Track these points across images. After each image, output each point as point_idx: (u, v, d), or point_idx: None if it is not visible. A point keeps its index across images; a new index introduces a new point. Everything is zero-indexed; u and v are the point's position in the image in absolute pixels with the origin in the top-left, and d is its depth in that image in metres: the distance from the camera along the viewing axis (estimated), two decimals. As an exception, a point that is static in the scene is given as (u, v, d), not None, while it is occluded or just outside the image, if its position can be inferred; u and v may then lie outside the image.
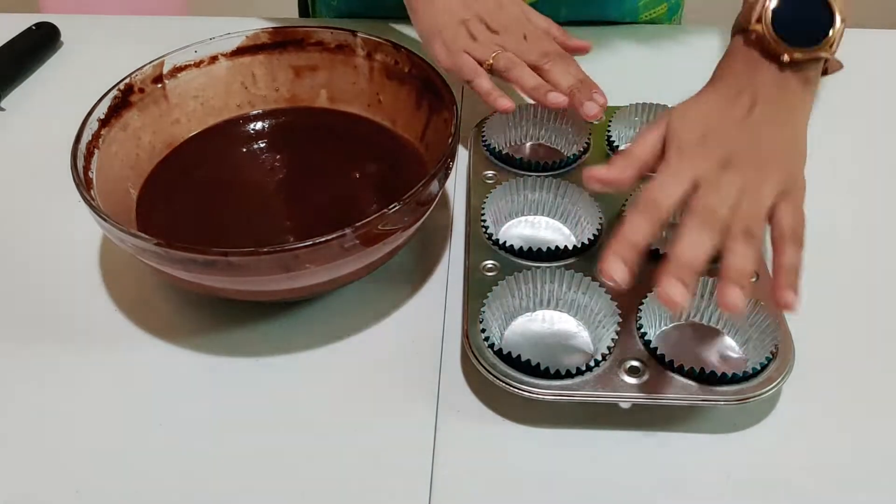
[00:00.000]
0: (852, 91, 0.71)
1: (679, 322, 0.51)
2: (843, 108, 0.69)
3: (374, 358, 0.51)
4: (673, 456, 0.45)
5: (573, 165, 0.61)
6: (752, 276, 0.50)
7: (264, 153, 0.62)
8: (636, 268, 0.43)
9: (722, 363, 0.48)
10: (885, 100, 0.72)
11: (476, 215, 0.56)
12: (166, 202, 0.57)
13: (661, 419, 0.47)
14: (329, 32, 0.62)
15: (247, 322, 0.53)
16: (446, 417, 0.47)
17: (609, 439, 0.46)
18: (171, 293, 0.55)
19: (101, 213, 0.46)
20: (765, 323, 0.48)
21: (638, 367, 0.46)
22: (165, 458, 0.46)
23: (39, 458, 0.46)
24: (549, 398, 0.45)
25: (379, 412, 0.48)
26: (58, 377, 0.50)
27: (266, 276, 0.46)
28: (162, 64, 0.59)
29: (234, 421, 0.47)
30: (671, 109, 0.51)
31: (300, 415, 0.48)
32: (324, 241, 0.44)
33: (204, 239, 0.53)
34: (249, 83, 0.63)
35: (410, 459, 0.45)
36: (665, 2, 0.83)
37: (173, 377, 0.50)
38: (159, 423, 0.47)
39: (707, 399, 0.45)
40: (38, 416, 0.48)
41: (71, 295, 0.55)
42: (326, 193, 0.58)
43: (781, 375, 0.45)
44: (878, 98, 0.72)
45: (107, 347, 0.52)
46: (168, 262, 0.46)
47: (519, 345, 0.49)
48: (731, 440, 0.46)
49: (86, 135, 0.53)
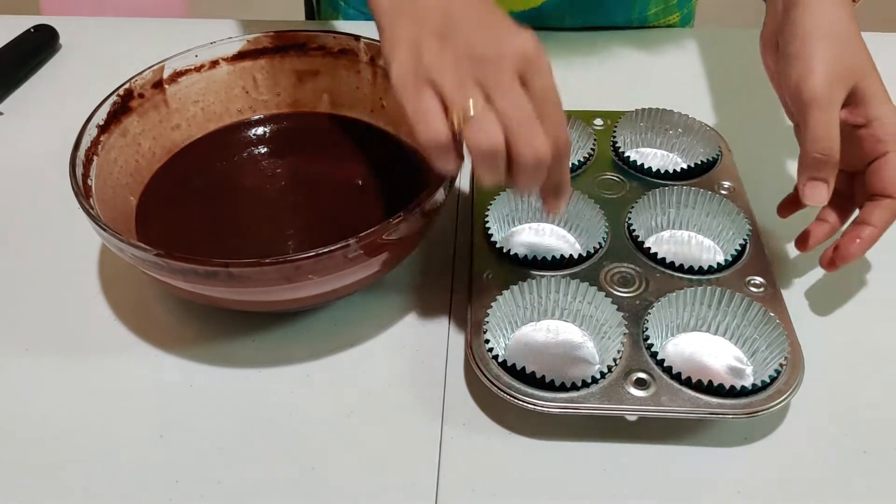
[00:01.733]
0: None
1: (685, 332, 0.50)
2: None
3: (378, 369, 0.50)
4: (681, 470, 0.45)
5: (578, 171, 0.61)
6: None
7: (265, 159, 0.61)
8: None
9: (730, 375, 0.47)
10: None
11: (480, 222, 0.55)
12: (166, 209, 0.56)
13: (669, 432, 0.46)
14: (332, 37, 0.61)
15: (248, 332, 0.52)
16: (451, 430, 0.46)
17: (616, 452, 0.45)
18: (170, 302, 0.54)
19: (100, 223, 0.46)
20: (773, 334, 0.47)
21: (645, 380, 0.46)
22: (165, 469, 0.45)
23: (36, 467, 0.45)
24: (554, 411, 0.44)
25: (383, 424, 0.47)
26: (56, 385, 0.49)
27: (268, 287, 0.45)
28: (162, 68, 0.59)
29: (235, 432, 0.47)
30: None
31: (301, 427, 0.47)
32: (327, 251, 0.43)
33: (204, 247, 0.53)
34: (251, 88, 0.63)
35: (415, 472, 0.45)
36: (678, 11, 0.82)
37: (173, 387, 0.49)
38: (159, 435, 0.47)
39: (715, 412, 0.44)
40: (34, 425, 0.47)
41: (69, 302, 0.54)
42: (328, 200, 0.57)
43: (791, 388, 0.45)
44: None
45: (105, 356, 0.51)
46: (168, 273, 0.45)
47: (523, 355, 0.49)
48: (741, 454, 0.45)
49: (84, 142, 0.52)
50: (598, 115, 0.66)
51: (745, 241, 0.53)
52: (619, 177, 0.60)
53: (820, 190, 0.49)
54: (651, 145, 0.64)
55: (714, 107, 0.61)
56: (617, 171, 0.61)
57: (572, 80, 0.74)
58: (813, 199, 0.50)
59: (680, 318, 0.50)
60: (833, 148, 0.48)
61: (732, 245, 0.54)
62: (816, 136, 0.48)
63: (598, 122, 0.65)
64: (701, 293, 0.49)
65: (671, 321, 0.50)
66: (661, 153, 0.64)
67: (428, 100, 0.41)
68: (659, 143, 0.64)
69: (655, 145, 0.64)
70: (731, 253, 0.53)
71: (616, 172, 0.60)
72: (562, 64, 0.76)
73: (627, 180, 0.60)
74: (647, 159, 0.62)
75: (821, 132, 0.48)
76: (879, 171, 0.49)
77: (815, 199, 0.50)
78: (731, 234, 0.55)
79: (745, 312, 0.48)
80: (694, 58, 0.77)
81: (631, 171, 0.61)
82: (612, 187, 0.59)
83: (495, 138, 0.40)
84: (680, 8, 0.82)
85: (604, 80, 0.60)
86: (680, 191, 0.56)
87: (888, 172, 0.49)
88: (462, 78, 0.40)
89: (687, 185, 0.57)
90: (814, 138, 0.48)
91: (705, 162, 0.60)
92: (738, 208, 0.55)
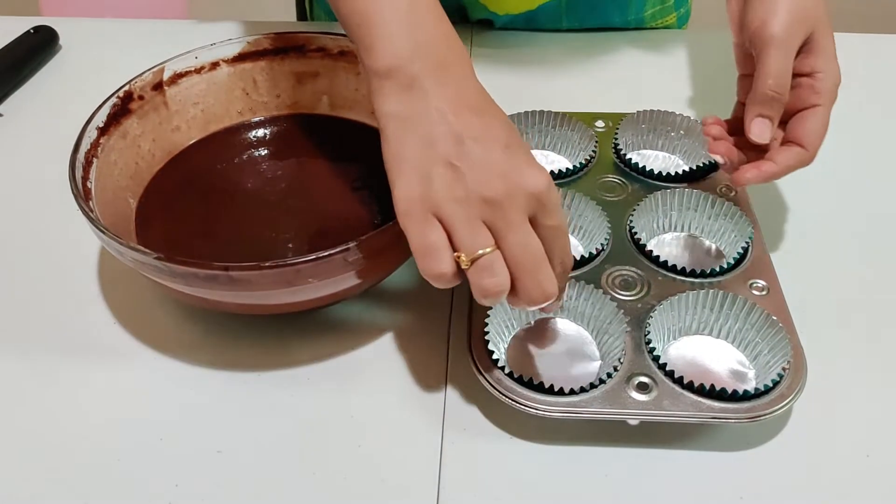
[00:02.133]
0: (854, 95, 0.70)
1: (687, 336, 0.50)
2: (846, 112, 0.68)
3: (378, 372, 0.50)
4: (683, 474, 0.44)
5: (580, 174, 0.60)
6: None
7: (265, 161, 0.61)
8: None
9: (732, 379, 0.47)
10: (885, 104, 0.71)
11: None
12: (166, 212, 0.56)
13: (671, 436, 0.46)
14: (331, 38, 0.61)
15: (247, 335, 0.52)
16: (452, 434, 0.46)
17: (618, 456, 0.45)
18: (170, 305, 0.54)
19: (99, 226, 0.45)
20: (776, 338, 0.47)
21: (647, 384, 0.45)
22: (165, 472, 0.45)
23: (36, 471, 0.45)
24: (556, 415, 0.44)
25: (383, 428, 0.47)
26: (55, 389, 0.49)
27: (268, 291, 0.45)
28: (162, 70, 0.58)
29: (235, 436, 0.47)
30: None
31: (302, 431, 0.47)
32: (327, 255, 0.43)
33: (204, 250, 0.53)
34: (251, 89, 0.62)
35: (416, 476, 0.44)
36: (674, 11, 0.82)
37: (173, 391, 0.49)
38: (159, 438, 0.47)
39: (718, 417, 0.44)
40: (34, 429, 0.47)
41: (68, 305, 0.54)
42: (328, 203, 0.57)
43: (794, 393, 0.44)
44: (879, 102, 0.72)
45: (105, 360, 0.51)
46: (168, 276, 0.45)
47: (525, 357, 0.48)
48: (744, 458, 0.45)
49: (84, 144, 0.52)
50: (600, 117, 0.65)
51: (747, 244, 0.53)
52: (621, 179, 0.60)
53: (766, 127, 0.52)
54: (653, 147, 0.64)
55: (714, 108, 0.61)
56: (618, 174, 0.60)
57: (571, 81, 0.74)
58: (761, 135, 0.52)
59: (682, 321, 0.50)
60: (785, 87, 0.51)
61: (735, 248, 0.53)
62: (772, 72, 0.50)
63: (600, 123, 0.65)
64: (703, 296, 0.49)
65: (673, 324, 0.50)
66: (663, 155, 0.64)
67: (436, 235, 0.40)
68: (660, 146, 0.64)
69: (657, 147, 0.64)
70: (734, 256, 0.53)
71: (617, 175, 0.60)
72: (560, 65, 0.76)
73: (629, 182, 0.60)
74: (648, 161, 0.62)
75: (777, 69, 0.50)
76: (804, 120, 0.52)
77: (763, 136, 0.52)
78: (734, 236, 0.54)
79: (748, 316, 0.48)
80: (694, 59, 0.77)
81: (632, 173, 0.60)
82: (613, 189, 0.59)
83: (502, 285, 0.40)
84: (676, 8, 0.82)
85: (602, 82, 0.60)
86: (682, 193, 0.56)
87: (811, 124, 0.51)
88: (471, 218, 0.40)
89: (689, 188, 0.57)
90: (769, 75, 0.50)
91: (707, 164, 0.60)
92: (740, 210, 0.54)
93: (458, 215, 0.40)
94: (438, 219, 0.40)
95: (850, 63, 0.54)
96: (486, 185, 0.39)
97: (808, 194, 0.61)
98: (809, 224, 0.59)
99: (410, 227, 0.40)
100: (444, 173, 0.40)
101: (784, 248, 0.57)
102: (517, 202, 0.40)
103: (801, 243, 0.57)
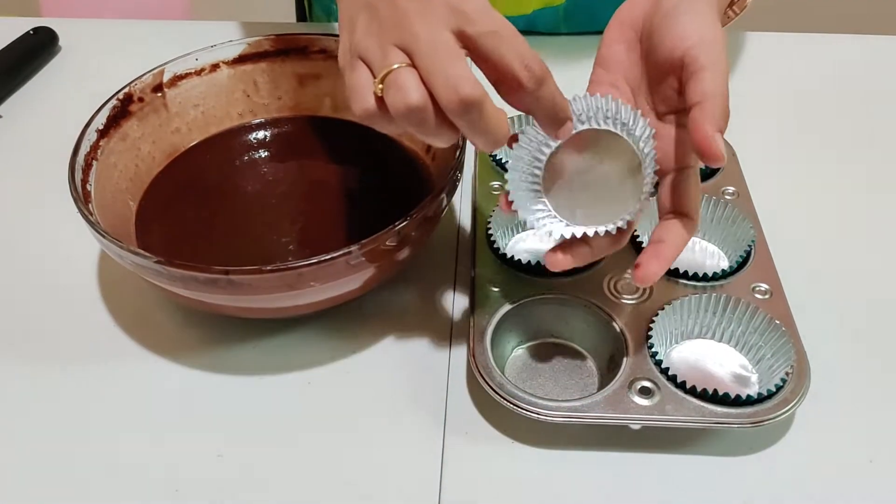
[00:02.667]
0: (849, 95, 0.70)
1: (690, 339, 0.50)
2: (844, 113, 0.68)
3: (379, 377, 0.50)
4: (686, 479, 0.44)
5: (581, 177, 0.60)
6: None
7: (266, 163, 0.61)
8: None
9: (735, 383, 0.47)
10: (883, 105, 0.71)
11: (482, 228, 0.55)
12: (166, 214, 0.56)
13: (674, 441, 0.46)
14: (333, 40, 0.61)
15: (249, 339, 0.52)
16: (453, 438, 0.46)
17: (620, 461, 0.45)
18: (171, 308, 0.54)
19: (99, 229, 0.45)
20: (779, 342, 0.46)
21: (649, 388, 0.45)
22: (165, 476, 0.44)
23: (36, 474, 0.45)
24: (558, 420, 0.44)
25: (385, 432, 0.47)
26: (55, 393, 0.49)
27: (269, 294, 0.45)
28: (162, 72, 0.58)
29: (235, 440, 0.46)
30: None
31: (302, 435, 0.47)
32: (329, 258, 0.43)
33: (204, 253, 0.53)
34: (251, 91, 0.62)
35: (417, 480, 0.44)
36: None
37: (173, 394, 0.49)
38: (160, 442, 0.46)
39: (720, 422, 0.44)
40: (35, 432, 0.47)
41: (68, 309, 0.54)
42: (330, 206, 0.57)
43: (797, 397, 0.44)
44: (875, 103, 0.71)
45: (105, 363, 0.51)
46: (168, 280, 0.45)
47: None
48: (746, 463, 0.45)
49: (84, 146, 0.51)
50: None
51: (749, 247, 0.53)
52: (623, 182, 0.60)
53: (722, 145, 0.41)
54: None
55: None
56: (620, 176, 0.60)
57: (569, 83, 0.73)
58: (722, 154, 0.40)
59: (684, 325, 0.49)
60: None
61: (737, 251, 0.53)
62: (718, 91, 0.41)
63: (601, 126, 0.64)
64: (706, 300, 0.49)
65: (675, 328, 0.49)
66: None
67: (358, 74, 0.40)
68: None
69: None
70: (736, 259, 0.52)
71: (619, 177, 0.60)
72: (559, 67, 0.75)
73: (631, 185, 0.59)
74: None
75: (720, 88, 0.41)
76: (687, 185, 0.43)
77: (722, 157, 0.40)
78: (736, 239, 0.54)
79: (751, 320, 0.48)
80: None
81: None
82: (615, 192, 0.59)
83: (409, 98, 0.37)
84: None
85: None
86: (684, 196, 0.56)
87: (694, 192, 0.43)
88: (382, 44, 0.39)
89: (691, 191, 0.56)
90: (718, 93, 0.41)
91: (708, 167, 0.59)
92: (742, 214, 0.54)
93: (372, 47, 0.39)
94: (362, 60, 0.40)
95: (849, 64, 0.54)
96: (397, 12, 0.39)
97: (811, 197, 0.61)
98: (812, 227, 0.59)
99: (345, 76, 0.41)
100: (363, 17, 0.40)
101: (787, 251, 0.57)
102: (429, 18, 0.38)
103: (803, 246, 0.57)
